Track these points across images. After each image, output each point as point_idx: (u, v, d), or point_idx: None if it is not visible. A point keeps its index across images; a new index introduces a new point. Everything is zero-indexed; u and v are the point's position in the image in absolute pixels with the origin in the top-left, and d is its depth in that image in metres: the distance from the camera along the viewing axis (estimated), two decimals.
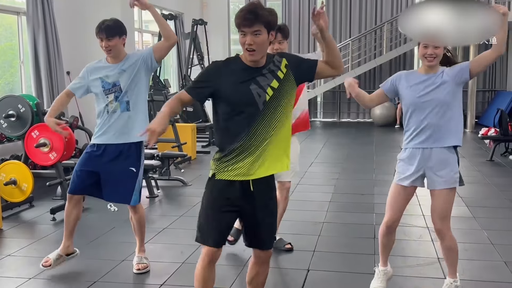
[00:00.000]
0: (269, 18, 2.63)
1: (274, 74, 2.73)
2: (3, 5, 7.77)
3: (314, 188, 6.90)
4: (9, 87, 8.24)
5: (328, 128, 14.24)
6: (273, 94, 2.72)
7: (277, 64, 2.76)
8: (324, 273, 4.11)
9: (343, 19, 15.47)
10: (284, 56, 2.82)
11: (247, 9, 2.60)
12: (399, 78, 3.46)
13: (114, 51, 3.87)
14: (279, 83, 2.73)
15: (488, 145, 9.40)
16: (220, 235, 2.80)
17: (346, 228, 5.20)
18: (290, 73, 2.77)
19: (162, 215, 5.84)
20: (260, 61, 2.72)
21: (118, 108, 3.88)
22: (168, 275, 4.01)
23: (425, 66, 3.38)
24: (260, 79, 2.71)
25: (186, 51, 12.18)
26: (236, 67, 2.74)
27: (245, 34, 2.62)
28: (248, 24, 2.59)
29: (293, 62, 2.80)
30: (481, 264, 4.26)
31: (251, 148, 2.73)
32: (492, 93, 15.46)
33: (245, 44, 2.63)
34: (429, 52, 3.28)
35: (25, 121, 5.95)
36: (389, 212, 3.52)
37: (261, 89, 2.70)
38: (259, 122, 2.71)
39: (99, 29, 3.84)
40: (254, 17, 2.58)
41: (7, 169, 5.76)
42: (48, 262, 4.05)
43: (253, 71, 2.72)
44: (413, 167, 3.39)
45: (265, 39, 2.64)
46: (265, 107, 2.71)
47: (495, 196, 6.55)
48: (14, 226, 5.33)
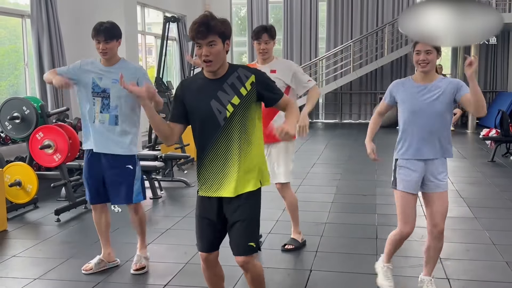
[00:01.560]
0: (222, 28, 2.69)
1: (236, 90, 2.75)
2: (8, 7, 7.82)
3: (316, 189, 6.92)
4: (13, 89, 8.28)
5: (330, 129, 14.26)
6: (233, 110, 2.74)
7: (242, 79, 2.77)
8: (326, 273, 4.14)
9: (344, 21, 15.49)
10: (254, 73, 2.80)
11: (199, 21, 2.66)
12: (396, 87, 3.51)
13: (110, 54, 3.91)
14: (240, 100, 2.75)
15: (490, 146, 9.43)
16: (208, 242, 2.91)
17: (348, 229, 5.23)
18: (254, 91, 2.77)
19: (166, 216, 5.87)
20: (219, 71, 2.75)
21: (106, 120, 3.93)
22: (172, 276, 4.05)
23: (421, 74, 3.42)
24: (220, 94, 2.74)
25: (189, 53, 12.20)
26: (199, 83, 2.81)
27: (201, 46, 2.68)
28: (202, 37, 2.66)
29: (261, 83, 2.80)
30: (482, 264, 4.28)
31: (217, 164, 2.80)
32: (493, 94, 15.48)
33: (201, 55, 2.69)
34: (422, 58, 3.34)
35: (29, 123, 5.99)
36: (408, 224, 3.51)
37: (221, 106, 2.74)
38: (220, 138, 2.76)
39: (97, 31, 3.87)
40: (207, 29, 2.64)
41: (12, 171, 5.81)
42: (89, 266, 4.14)
43: (214, 85, 2.76)
44: (416, 173, 3.44)
45: (220, 49, 2.70)
46: (226, 123, 2.75)
47: (496, 196, 6.57)
48: (19, 227, 5.37)
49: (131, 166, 3.99)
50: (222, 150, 2.78)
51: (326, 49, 15.58)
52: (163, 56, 10.55)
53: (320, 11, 15.85)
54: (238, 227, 2.80)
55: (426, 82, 3.41)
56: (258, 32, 4.25)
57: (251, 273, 2.90)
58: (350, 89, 15.69)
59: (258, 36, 4.24)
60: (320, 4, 15.76)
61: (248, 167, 2.80)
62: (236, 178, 2.77)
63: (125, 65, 3.97)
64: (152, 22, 12.88)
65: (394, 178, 3.53)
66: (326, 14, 15.69)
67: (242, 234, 2.81)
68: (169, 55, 12.34)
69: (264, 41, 4.21)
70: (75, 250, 4.65)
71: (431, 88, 3.38)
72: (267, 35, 4.21)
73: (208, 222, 2.87)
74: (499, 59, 15.41)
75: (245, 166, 2.79)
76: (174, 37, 12.78)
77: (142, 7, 11.54)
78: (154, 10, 12.24)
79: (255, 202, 2.86)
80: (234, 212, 2.81)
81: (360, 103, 15.85)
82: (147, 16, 12.02)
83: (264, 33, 4.20)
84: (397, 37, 14.85)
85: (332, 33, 15.54)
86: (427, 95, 3.37)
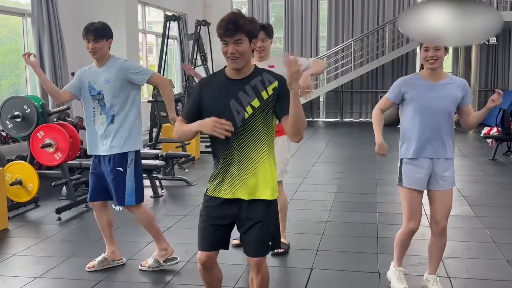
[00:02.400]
0: (250, 27, 2.67)
1: (257, 93, 2.71)
2: (8, 6, 7.83)
3: (317, 187, 6.92)
4: (14, 88, 8.29)
5: (331, 128, 14.25)
6: (252, 113, 2.71)
7: (265, 83, 2.72)
8: (327, 272, 4.14)
9: (345, 20, 15.48)
10: (278, 80, 2.74)
11: (228, 19, 2.64)
12: (406, 83, 3.46)
13: (100, 54, 3.93)
14: (260, 103, 2.71)
15: (491, 145, 9.42)
16: (208, 242, 2.86)
17: (349, 227, 5.23)
18: (275, 97, 2.71)
19: (166, 214, 5.87)
20: (244, 71, 2.72)
21: (105, 121, 3.97)
22: (173, 274, 4.05)
23: (428, 71, 3.39)
24: (241, 95, 2.71)
25: (190, 52, 12.21)
26: (219, 80, 2.78)
27: (227, 43, 2.66)
28: (230, 34, 2.63)
29: (283, 92, 2.70)
30: (484, 262, 4.28)
31: (230, 165, 2.76)
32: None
33: (227, 53, 2.67)
34: (430, 55, 3.32)
35: (30, 122, 6.00)
36: (413, 220, 3.51)
37: (240, 106, 2.70)
38: (236, 139, 2.73)
39: (87, 31, 3.89)
40: (235, 27, 2.62)
41: (13, 170, 5.81)
42: (92, 264, 4.16)
43: (235, 84, 2.73)
44: (423, 170, 3.44)
45: (247, 48, 2.67)
46: (243, 124, 2.71)
47: (497, 195, 6.57)
48: (20, 226, 5.38)
49: (121, 168, 3.98)
50: (237, 152, 2.74)
51: (327, 48, 15.57)
52: (163, 55, 10.55)
53: (321, 9, 15.84)
54: (258, 228, 2.76)
55: (435, 79, 3.39)
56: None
57: (262, 275, 2.87)
58: (351, 88, 15.67)
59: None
60: (321, 2, 15.74)
61: (263, 173, 2.75)
62: (252, 182, 2.74)
63: (113, 62, 3.98)
64: (153, 20, 12.88)
65: (399, 175, 3.52)
66: (327, 13, 15.67)
67: (261, 235, 2.78)
68: (169, 54, 12.35)
69: (261, 39, 4.20)
70: (76, 248, 4.65)
71: (441, 86, 3.37)
72: (264, 33, 4.21)
73: (213, 222, 2.83)
74: (500, 57, 15.40)
75: (260, 171, 2.74)
76: (175, 36, 12.78)
77: (143, 5, 11.54)
78: (154, 8, 12.25)
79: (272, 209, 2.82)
80: (252, 215, 2.76)
81: (361, 101, 15.84)
82: (147, 15, 12.02)
83: (260, 31, 4.17)
84: (398, 35, 14.84)
85: (333, 32, 15.53)
86: (437, 93, 3.36)
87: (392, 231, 5.03)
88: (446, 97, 3.35)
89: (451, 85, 3.37)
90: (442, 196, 3.45)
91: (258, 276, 2.86)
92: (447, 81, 3.38)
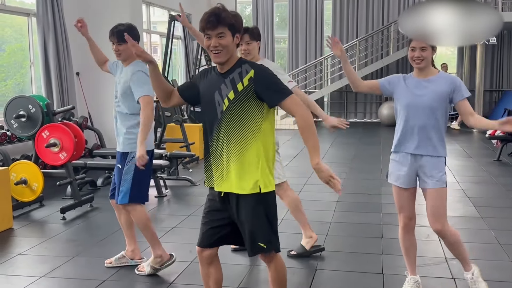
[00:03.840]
0: (232, 20, 2.67)
1: (234, 85, 2.71)
2: (14, 6, 7.84)
3: (321, 187, 6.86)
4: (19, 87, 8.31)
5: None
6: (228, 105, 2.72)
7: (242, 74, 2.71)
8: (331, 272, 4.13)
9: (350, 19, 15.47)
10: (254, 68, 2.71)
11: (210, 12, 2.66)
12: (398, 79, 3.50)
13: (124, 55, 3.97)
14: (235, 95, 2.70)
15: (495, 145, 9.39)
16: (204, 236, 2.88)
17: (354, 228, 5.22)
18: (251, 88, 2.68)
19: (171, 214, 5.88)
20: (226, 64, 2.74)
21: (117, 116, 4.06)
22: (177, 274, 4.05)
23: (417, 70, 3.43)
24: (222, 87, 2.74)
25: (194, 52, 12.22)
26: (212, 74, 2.83)
27: (210, 37, 2.67)
28: (211, 27, 2.65)
29: (261, 79, 2.68)
30: (488, 264, 4.26)
31: (215, 157, 2.80)
32: (499, 93, 15.43)
33: (210, 46, 2.68)
34: (416, 55, 3.35)
35: (35, 122, 6.01)
36: (401, 213, 3.56)
37: (221, 99, 2.73)
38: (218, 131, 2.76)
39: (112, 33, 3.95)
40: (217, 20, 2.63)
41: (18, 169, 5.83)
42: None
43: (220, 78, 2.76)
44: (404, 167, 3.44)
45: (229, 41, 2.68)
46: (222, 116, 2.73)
47: (502, 196, 6.55)
48: (25, 225, 5.39)
49: (120, 165, 4.02)
50: (219, 144, 2.77)
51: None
52: (168, 55, 10.57)
53: (326, 9, 15.83)
54: (246, 227, 2.77)
55: (421, 76, 3.42)
56: None
57: (275, 271, 2.87)
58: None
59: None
60: (326, 2, 15.74)
61: (245, 167, 2.72)
62: (234, 175, 2.73)
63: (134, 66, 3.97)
64: (158, 20, 12.90)
65: (387, 170, 3.60)
66: (331, 13, 15.67)
67: (249, 235, 2.77)
68: (174, 53, 12.37)
69: (246, 42, 4.13)
70: (80, 248, 4.66)
71: (426, 83, 3.39)
72: (248, 35, 4.13)
73: (209, 215, 2.88)
74: (505, 58, 15.36)
75: (241, 165, 2.72)
76: (180, 36, 12.79)
77: (148, 5, 11.55)
78: (159, 8, 12.26)
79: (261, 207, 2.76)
80: (240, 213, 2.77)
81: (365, 101, 15.82)
82: (152, 15, 12.03)
83: (245, 34, 4.09)
84: (402, 35, 14.81)
85: (337, 32, 15.52)
86: (420, 90, 3.38)
87: (397, 232, 4.98)
88: (430, 93, 3.35)
89: (438, 81, 3.38)
90: (431, 195, 3.41)
91: (271, 272, 2.89)
92: (434, 78, 3.40)
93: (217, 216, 2.86)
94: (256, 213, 2.75)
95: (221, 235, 2.88)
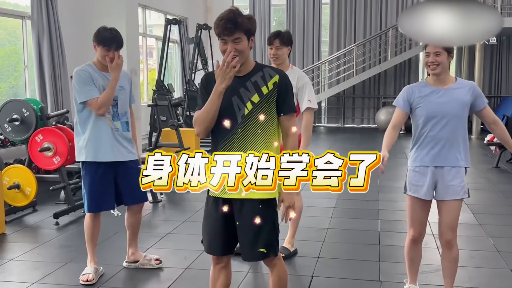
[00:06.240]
0: (248, 25, 2.66)
1: (258, 88, 2.70)
2: (8, 9, 7.79)
3: (318, 194, 6.82)
4: (13, 91, 8.25)
5: (332, 133, 14.21)
6: (252, 108, 2.68)
7: (266, 78, 2.71)
8: (328, 279, 4.08)
9: (347, 24, 15.45)
10: (279, 74, 2.74)
11: (226, 18, 2.62)
12: (410, 91, 3.36)
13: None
14: (260, 98, 2.69)
15: (494, 152, 9.36)
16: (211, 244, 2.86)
17: (351, 235, 5.16)
18: (276, 92, 2.71)
19: (166, 220, 5.82)
20: (244, 68, 2.71)
21: (119, 127, 3.95)
22: (172, 281, 3.99)
23: (433, 77, 3.30)
24: (242, 91, 2.70)
25: (190, 56, 12.19)
26: None
27: (226, 42, 2.65)
28: (228, 33, 2.62)
29: (284, 86, 2.73)
30: (487, 271, 4.22)
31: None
32: (498, 99, 15.41)
33: (225, 51, 2.65)
34: (431, 60, 3.24)
35: (29, 125, 5.95)
36: (413, 227, 3.46)
37: (241, 102, 2.69)
38: (236, 135, 2.70)
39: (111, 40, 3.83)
40: (234, 26, 2.61)
41: (11, 173, 5.76)
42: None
43: (237, 81, 2.70)
44: (426, 178, 3.33)
45: (245, 46, 2.67)
46: (243, 120, 2.69)
47: (501, 203, 6.50)
48: (17, 230, 5.32)
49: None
50: (237, 148, 2.70)
51: (329, 53, 15.54)
52: (164, 59, 10.53)
53: (323, 14, 15.81)
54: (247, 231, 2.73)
55: (441, 85, 3.29)
56: (270, 37, 4.24)
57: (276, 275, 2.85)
58: (353, 93, 15.63)
59: (270, 41, 4.22)
60: (323, 7, 15.72)
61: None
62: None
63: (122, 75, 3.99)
64: (154, 24, 12.86)
65: (405, 182, 3.45)
66: (329, 17, 15.65)
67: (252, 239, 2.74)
68: (170, 57, 12.33)
69: (275, 46, 4.17)
70: (74, 254, 4.60)
71: (448, 91, 3.27)
72: (278, 40, 4.17)
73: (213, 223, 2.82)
74: (504, 64, 15.35)
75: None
76: (176, 40, 12.76)
77: (144, 9, 11.51)
78: (155, 12, 12.23)
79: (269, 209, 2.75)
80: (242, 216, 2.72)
81: (363, 107, 15.79)
82: (148, 18, 12.01)
83: (275, 39, 4.17)
84: (400, 41, 14.80)
85: (335, 37, 15.49)
86: (444, 99, 3.26)
87: (394, 239, 4.99)
88: (453, 101, 3.24)
89: (459, 90, 3.27)
90: (448, 206, 3.32)
91: (272, 276, 2.87)
92: (455, 86, 3.28)
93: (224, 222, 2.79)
94: (265, 218, 2.71)
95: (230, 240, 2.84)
